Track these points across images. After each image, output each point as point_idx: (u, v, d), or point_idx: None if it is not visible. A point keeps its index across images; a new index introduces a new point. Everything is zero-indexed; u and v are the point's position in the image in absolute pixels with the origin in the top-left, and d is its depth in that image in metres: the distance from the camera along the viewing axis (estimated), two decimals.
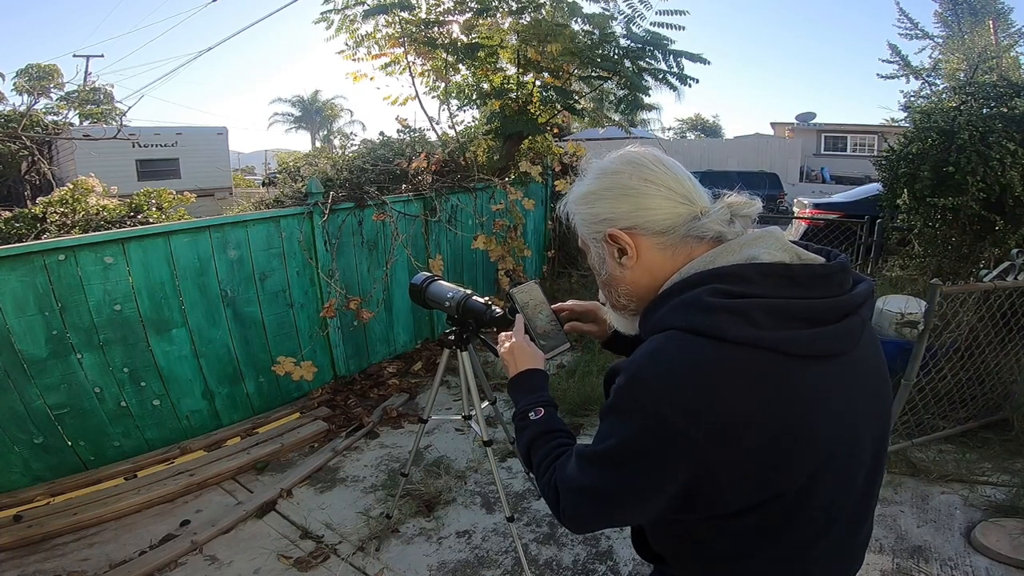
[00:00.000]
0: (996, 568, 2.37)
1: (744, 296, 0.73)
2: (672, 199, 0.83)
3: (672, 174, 0.84)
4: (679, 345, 0.74)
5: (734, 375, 0.71)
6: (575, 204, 0.91)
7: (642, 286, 0.87)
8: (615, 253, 0.87)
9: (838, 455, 0.77)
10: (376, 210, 4.10)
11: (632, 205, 0.84)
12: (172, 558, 2.48)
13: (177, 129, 13.64)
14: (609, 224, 0.86)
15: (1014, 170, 4.11)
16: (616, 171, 0.87)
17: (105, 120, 14.40)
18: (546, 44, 4.86)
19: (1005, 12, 14.97)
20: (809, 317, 0.73)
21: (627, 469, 0.77)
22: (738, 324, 0.71)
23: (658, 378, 0.73)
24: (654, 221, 0.83)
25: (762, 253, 0.78)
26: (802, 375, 0.73)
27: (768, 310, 0.72)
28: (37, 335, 2.79)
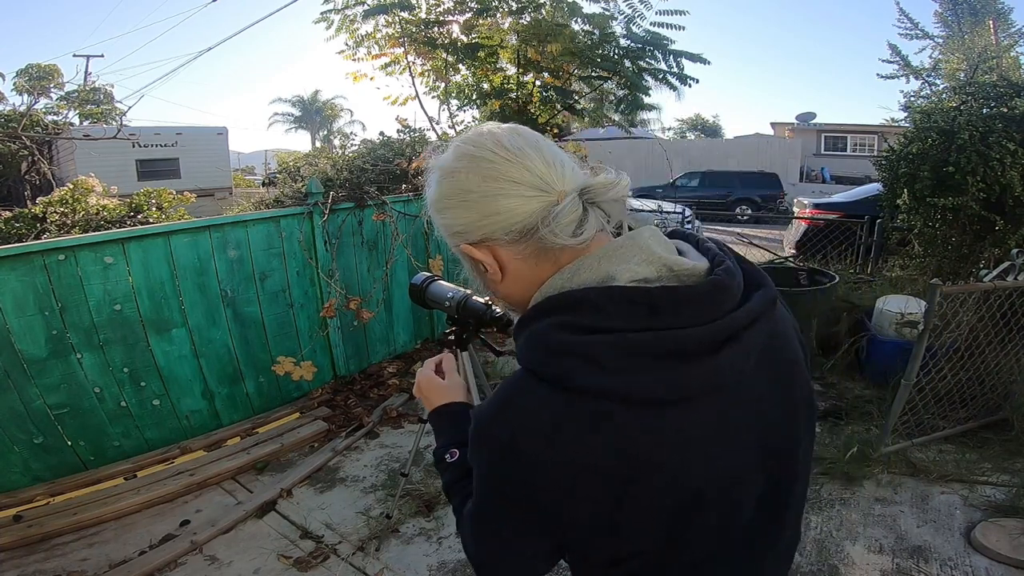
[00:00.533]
0: (996, 568, 2.37)
1: (594, 331, 0.61)
2: (522, 195, 0.67)
3: (517, 161, 0.68)
4: (523, 393, 0.65)
5: (576, 427, 0.60)
6: (431, 210, 0.77)
7: (516, 297, 0.75)
8: (480, 269, 0.75)
9: (708, 499, 0.67)
10: (376, 210, 4.10)
11: (477, 213, 0.69)
12: (172, 558, 2.48)
13: (177, 129, 13.65)
14: (461, 238, 0.73)
15: (1014, 170, 4.12)
16: (453, 170, 0.71)
17: (105, 120, 14.40)
18: (546, 44, 4.86)
19: (1005, 12, 14.97)
20: (672, 352, 0.61)
21: (490, 523, 0.74)
22: (583, 369, 0.60)
23: (500, 429, 0.65)
24: (504, 227, 0.69)
25: (620, 271, 0.65)
26: (659, 423, 0.62)
27: (620, 350, 0.60)
28: (37, 335, 2.79)
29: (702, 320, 0.62)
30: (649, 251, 0.67)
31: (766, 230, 10.93)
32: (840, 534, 2.62)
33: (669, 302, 0.62)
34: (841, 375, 4.19)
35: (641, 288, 0.63)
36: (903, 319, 3.78)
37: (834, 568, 2.42)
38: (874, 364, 3.93)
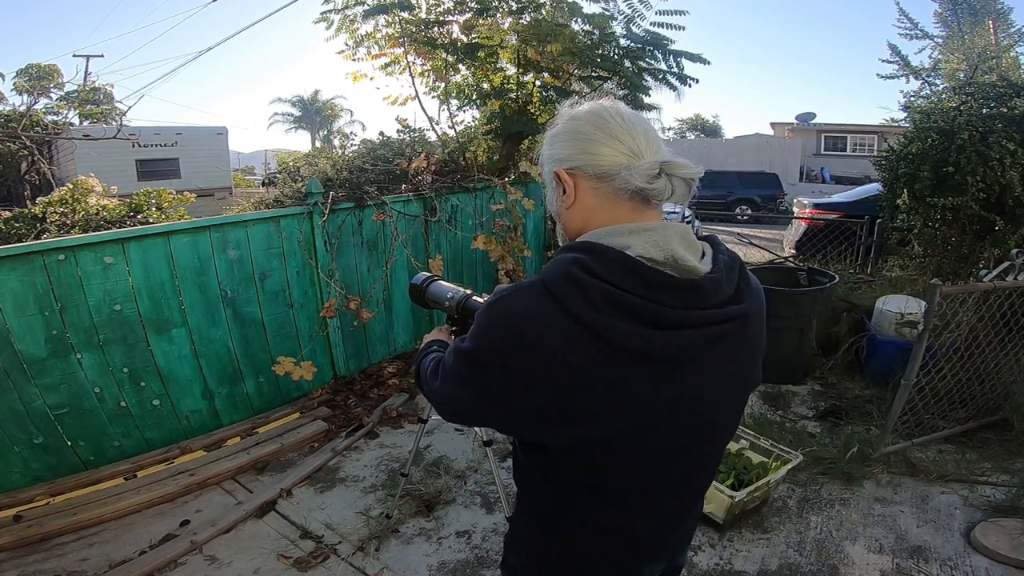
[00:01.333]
0: (996, 568, 2.37)
1: (596, 277, 0.78)
2: (617, 149, 0.86)
3: (626, 127, 0.88)
4: (530, 294, 0.82)
5: (552, 333, 0.78)
6: (544, 144, 0.97)
7: (573, 227, 0.93)
8: (561, 191, 0.92)
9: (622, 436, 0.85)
10: (376, 210, 4.10)
11: (579, 148, 0.89)
12: (172, 558, 2.48)
13: (177, 129, 13.64)
14: (559, 163, 0.91)
15: (1014, 170, 4.12)
16: (575, 117, 0.92)
17: (105, 120, 14.41)
18: (546, 44, 4.86)
19: (1005, 12, 14.97)
20: (641, 317, 0.78)
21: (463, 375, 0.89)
22: (577, 299, 0.78)
23: (500, 310, 0.83)
24: (594, 165, 0.87)
25: (635, 244, 0.82)
26: (608, 359, 0.79)
27: (607, 297, 0.78)
28: (37, 335, 2.78)
29: (676, 304, 0.80)
30: (666, 240, 0.83)
31: (766, 230, 10.93)
32: (840, 534, 2.62)
33: (656, 282, 0.80)
34: (841, 375, 4.20)
35: (639, 262, 0.80)
36: (903, 319, 3.79)
37: (834, 568, 2.42)
38: (874, 364, 3.94)
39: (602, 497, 0.94)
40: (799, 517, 2.75)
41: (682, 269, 0.82)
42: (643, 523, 0.99)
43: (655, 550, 1.05)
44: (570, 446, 0.87)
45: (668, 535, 1.06)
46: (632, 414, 0.84)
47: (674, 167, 0.84)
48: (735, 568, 2.43)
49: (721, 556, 2.49)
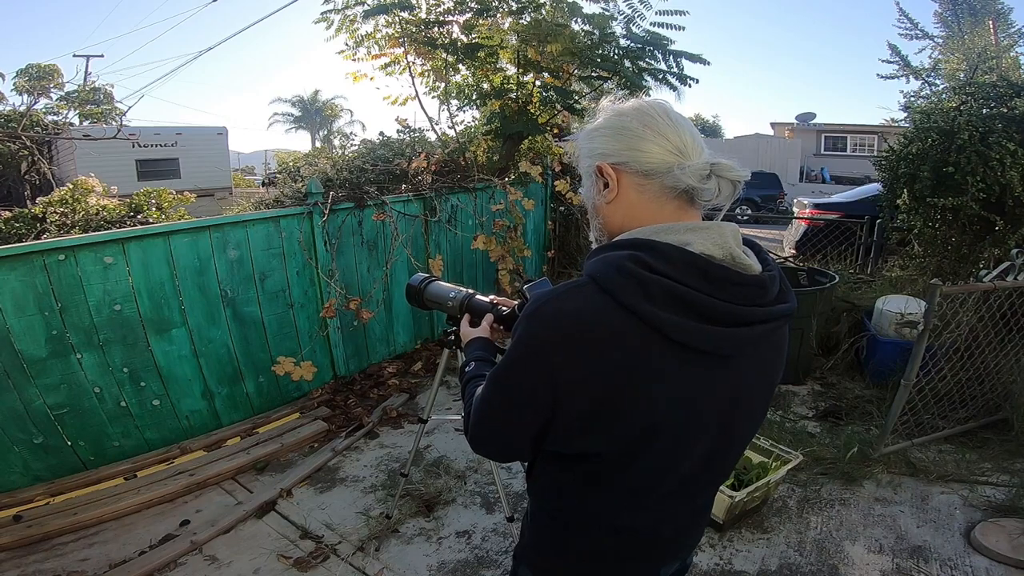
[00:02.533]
0: (996, 568, 2.37)
1: (656, 273, 0.78)
2: (664, 147, 0.86)
3: (673, 126, 0.88)
4: (580, 292, 0.81)
5: (610, 331, 0.78)
6: (584, 137, 0.96)
7: (614, 223, 0.92)
8: (600, 185, 0.92)
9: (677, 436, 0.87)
10: (376, 210, 4.10)
11: (625, 144, 0.88)
12: (172, 558, 2.48)
13: (177, 129, 13.63)
14: (601, 158, 0.91)
15: (1014, 170, 4.12)
16: (621, 113, 0.91)
17: (105, 120, 14.38)
18: (546, 44, 4.86)
19: (1005, 12, 14.97)
20: (702, 313, 0.78)
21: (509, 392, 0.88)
22: (636, 294, 0.77)
23: (548, 312, 0.81)
24: (640, 162, 0.87)
25: (696, 241, 0.82)
26: (673, 357, 0.79)
27: (668, 292, 0.77)
28: (37, 335, 2.78)
29: (735, 301, 0.80)
30: (723, 239, 0.83)
31: (766, 230, 10.93)
32: (840, 534, 2.62)
33: (718, 277, 0.79)
34: (841, 375, 4.20)
35: (703, 258, 0.80)
36: (903, 319, 3.79)
37: (834, 568, 2.42)
38: (874, 364, 3.94)
39: (636, 500, 0.94)
40: (799, 517, 2.75)
41: (739, 267, 0.83)
42: (669, 524, 1.00)
43: (675, 550, 1.06)
44: (615, 449, 0.87)
45: (687, 535, 1.07)
46: (682, 411, 0.85)
47: (723, 168, 0.85)
48: (735, 568, 2.43)
49: (721, 556, 2.49)
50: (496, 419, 0.93)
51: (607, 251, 0.84)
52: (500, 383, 0.89)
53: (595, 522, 0.96)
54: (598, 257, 0.84)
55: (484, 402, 0.93)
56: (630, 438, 0.85)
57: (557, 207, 6.18)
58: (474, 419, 0.96)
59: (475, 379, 1.12)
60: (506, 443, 0.95)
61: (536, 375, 0.82)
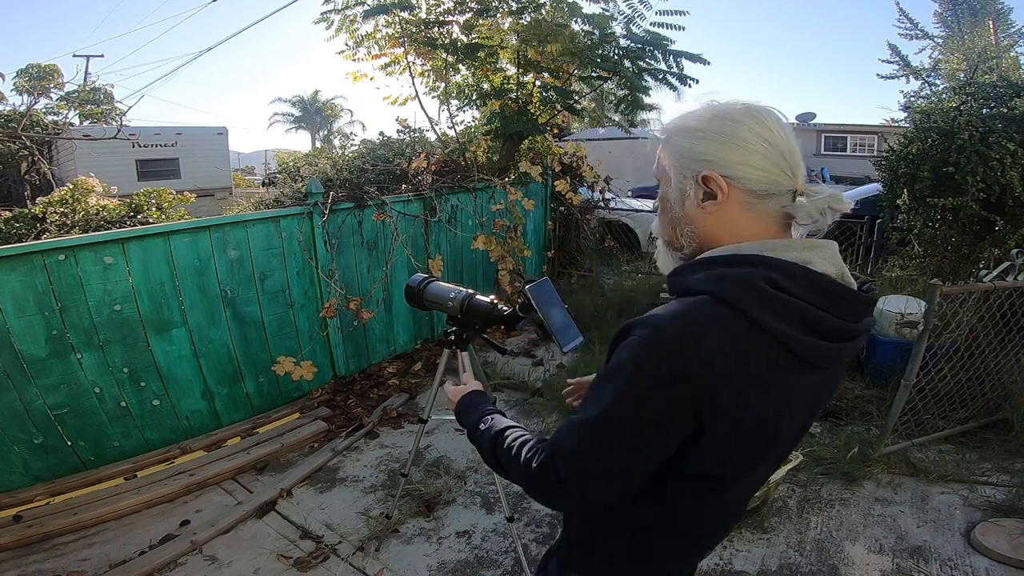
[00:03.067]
0: (996, 568, 2.37)
1: (782, 291, 0.77)
2: (780, 167, 0.83)
3: (787, 141, 0.84)
4: (708, 312, 0.77)
5: (754, 355, 0.76)
6: (677, 134, 0.89)
7: (709, 236, 0.88)
8: (700, 195, 0.86)
9: (779, 446, 0.90)
10: (376, 210, 4.10)
11: (739, 157, 0.83)
12: (172, 558, 2.48)
13: (177, 129, 13.62)
14: (709, 166, 0.84)
15: (1014, 170, 4.11)
16: (735, 119, 0.84)
17: (105, 120, 14.39)
18: (546, 44, 4.86)
19: (1005, 12, 14.98)
20: (821, 331, 0.79)
21: (633, 425, 0.80)
22: (766, 310, 0.76)
23: (678, 334, 0.76)
24: (754, 180, 0.83)
25: (817, 260, 0.81)
26: (796, 374, 0.80)
27: (794, 309, 0.77)
28: (37, 335, 2.78)
29: (845, 318, 0.81)
30: (836, 257, 0.84)
31: None
32: (840, 534, 2.62)
33: (837, 296, 0.80)
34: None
35: (826, 277, 0.80)
36: (903, 319, 3.78)
37: (834, 568, 2.42)
38: (874, 364, 3.93)
39: (726, 507, 0.95)
40: (799, 517, 2.75)
41: (847, 283, 0.83)
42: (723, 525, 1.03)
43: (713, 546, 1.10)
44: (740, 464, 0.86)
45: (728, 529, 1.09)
46: (793, 422, 0.87)
47: (837, 202, 0.83)
48: (735, 568, 2.43)
49: (721, 556, 2.49)
50: (614, 457, 0.82)
51: (716, 266, 0.82)
52: (619, 421, 0.80)
53: (672, 529, 0.94)
54: (712, 272, 0.81)
55: (593, 442, 0.83)
56: (756, 453, 0.86)
57: (557, 207, 6.19)
58: (571, 465, 0.85)
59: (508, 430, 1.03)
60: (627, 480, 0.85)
61: (672, 400, 0.77)
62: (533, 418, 3.68)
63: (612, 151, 12.00)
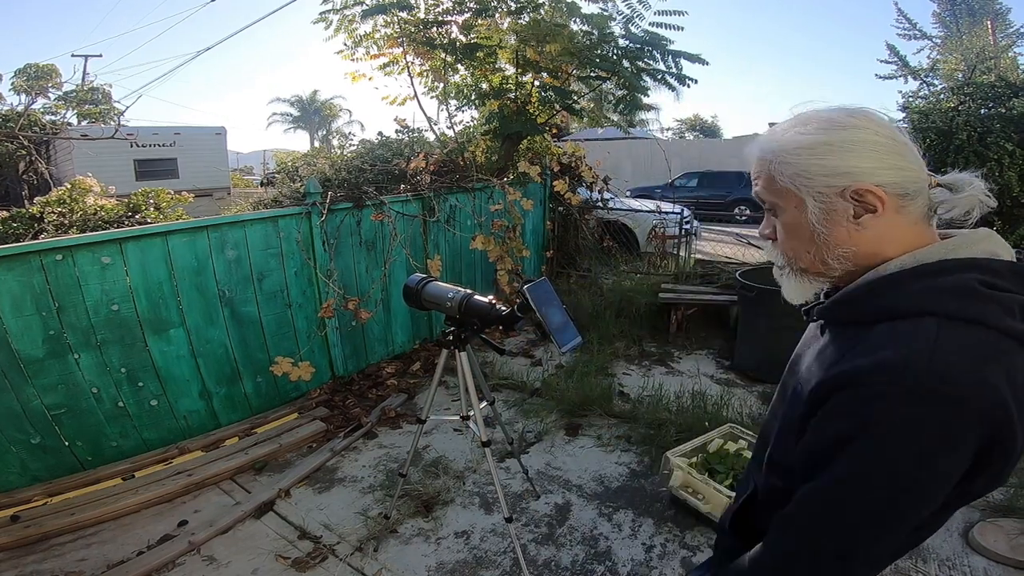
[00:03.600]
0: (994, 568, 2.37)
1: (1003, 291, 0.72)
2: (916, 161, 0.78)
3: (906, 136, 0.79)
4: (948, 336, 0.69)
5: (998, 361, 0.68)
6: (793, 154, 0.81)
7: (865, 253, 0.80)
8: (850, 211, 0.79)
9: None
10: (374, 210, 4.10)
11: (881, 162, 0.77)
12: (170, 558, 2.47)
13: (175, 129, 13.61)
14: (854, 178, 0.77)
15: (1012, 170, 4.13)
16: (855, 125, 0.78)
17: (103, 120, 14.38)
18: (545, 44, 4.86)
19: (1003, 12, 15.02)
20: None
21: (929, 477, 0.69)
22: (1002, 316, 0.70)
23: (940, 369, 0.67)
24: (905, 180, 0.77)
25: (1001, 251, 0.76)
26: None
27: (1022, 306, 0.72)
28: (34, 335, 2.78)
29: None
30: (1001, 239, 0.78)
31: None
32: None
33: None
34: None
35: (1019, 263, 0.75)
36: None
37: None
38: None
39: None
40: None
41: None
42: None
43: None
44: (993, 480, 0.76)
45: None
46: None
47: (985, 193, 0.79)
48: None
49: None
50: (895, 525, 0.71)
51: (913, 281, 0.75)
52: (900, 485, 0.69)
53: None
54: (919, 287, 0.74)
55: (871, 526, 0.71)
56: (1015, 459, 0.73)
57: (556, 207, 6.19)
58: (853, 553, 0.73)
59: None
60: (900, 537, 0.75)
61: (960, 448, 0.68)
62: (532, 418, 3.67)
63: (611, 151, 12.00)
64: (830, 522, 0.73)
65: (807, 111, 0.83)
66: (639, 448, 3.34)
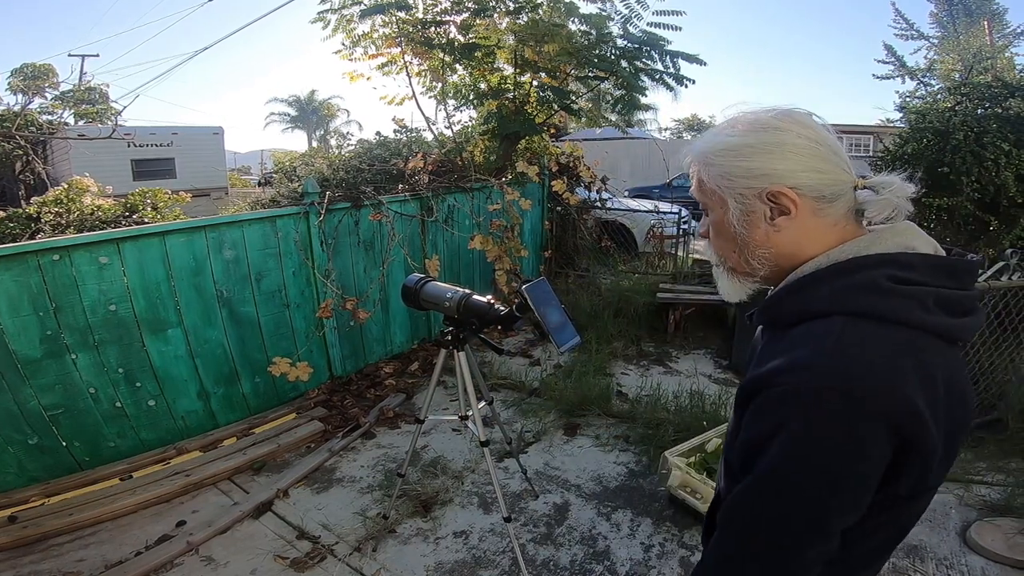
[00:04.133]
0: (992, 568, 2.38)
1: (916, 284, 0.73)
2: (838, 164, 0.79)
3: (833, 139, 0.80)
4: (859, 334, 0.70)
5: (919, 360, 0.70)
6: (719, 155, 0.83)
7: (784, 254, 0.82)
8: (768, 212, 0.81)
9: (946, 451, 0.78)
10: (373, 210, 4.09)
11: (799, 164, 0.78)
12: (168, 559, 2.47)
13: (173, 129, 13.59)
14: (771, 180, 0.79)
15: (1008, 170, 4.13)
16: (778, 127, 0.80)
17: (100, 120, 14.34)
18: (543, 44, 4.87)
19: (1000, 13, 15.06)
20: (956, 308, 0.75)
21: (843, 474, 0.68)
22: (911, 308, 0.71)
23: (850, 370, 0.67)
24: (822, 183, 0.78)
25: (918, 244, 0.77)
26: (955, 359, 0.76)
27: (936, 298, 0.73)
28: (31, 335, 2.77)
29: (967, 288, 0.77)
30: (923, 233, 0.79)
31: None
32: None
33: (961, 271, 0.77)
34: None
35: (943, 257, 0.77)
36: None
37: None
38: None
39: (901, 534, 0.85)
40: None
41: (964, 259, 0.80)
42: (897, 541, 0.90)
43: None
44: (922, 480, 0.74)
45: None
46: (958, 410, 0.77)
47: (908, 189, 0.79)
48: None
49: None
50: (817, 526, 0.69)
51: (825, 281, 0.76)
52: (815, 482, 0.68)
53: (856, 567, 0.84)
54: (828, 288, 0.75)
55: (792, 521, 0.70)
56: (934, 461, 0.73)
57: (554, 207, 6.19)
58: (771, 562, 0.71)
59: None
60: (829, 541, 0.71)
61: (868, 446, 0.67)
62: (530, 418, 3.67)
63: (609, 151, 12.00)
64: (754, 521, 0.72)
65: (739, 113, 0.84)
66: (637, 448, 3.35)
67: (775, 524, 0.71)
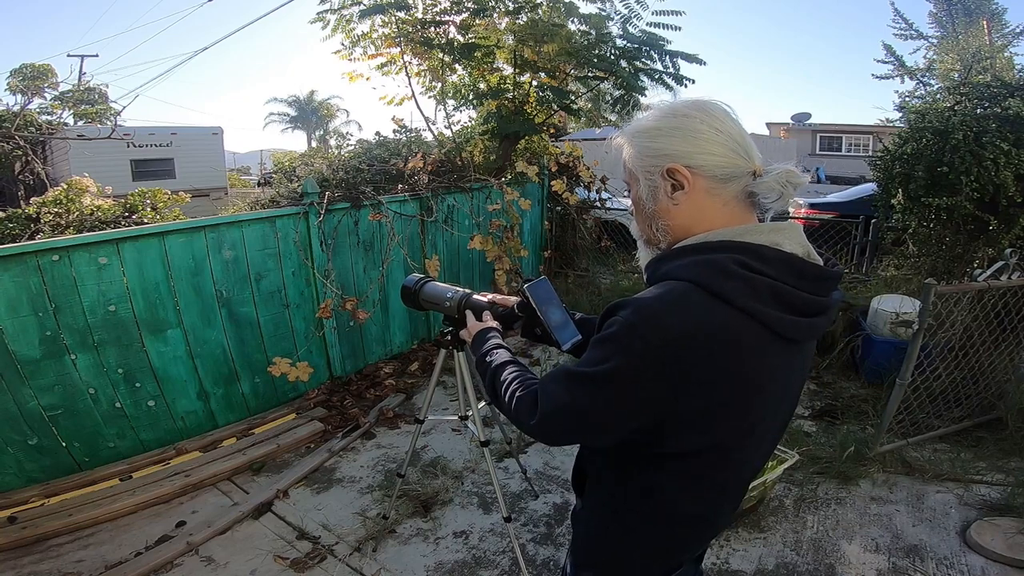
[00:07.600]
0: (991, 567, 2.38)
1: (758, 273, 0.82)
2: (735, 150, 0.89)
3: (736, 127, 0.90)
4: (687, 296, 0.82)
5: (726, 333, 0.81)
6: (635, 136, 0.95)
7: (680, 226, 0.93)
8: (668, 188, 0.92)
9: (764, 423, 0.94)
10: (372, 210, 4.09)
11: (696, 147, 0.89)
12: (168, 559, 2.47)
13: (172, 129, 13.56)
14: (670, 160, 0.90)
15: (1008, 170, 4.13)
16: (685, 114, 0.91)
17: (100, 120, 14.31)
18: (543, 44, 4.86)
19: (999, 13, 15.06)
20: (795, 306, 0.84)
21: (614, 391, 0.84)
22: (746, 294, 0.81)
23: (661, 316, 0.81)
24: (714, 165, 0.88)
25: (785, 242, 0.87)
26: (774, 350, 0.85)
27: (772, 291, 0.82)
28: (31, 336, 2.77)
29: (817, 293, 0.87)
30: (802, 237, 0.90)
31: None
32: (836, 533, 2.63)
33: (807, 273, 0.86)
34: (836, 374, 4.21)
35: (797, 256, 0.86)
36: (898, 319, 3.80)
37: (831, 567, 2.42)
38: (869, 363, 3.95)
39: (722, 493, 0.99)
40: (795, 516, 2.75)
41: (814, 261, 0.89)
42: (730, 506, 1.06)
43: (713, 536, 1.14)
44: (724, 444, 0.90)
45: (728, 517, 1.13)
46: (776, 399, 0.93)
47: (794, 176, 0.89)
48: (732, 567, 2.43)
49: (718, 555, 2.49)
50: (585, 417, 0.89)
51: (688, 255, 0.87)
52: (601, 385, 0.85)
53: (678, 516, 0.99)
54: (689, 260, 0.86)
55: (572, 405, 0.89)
56: (740, 433, 0.90)
57: (554, 207, 6.19)
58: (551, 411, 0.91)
59: (507, 364, 1.12)
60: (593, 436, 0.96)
61: (653, 382, 0.82)
62: None
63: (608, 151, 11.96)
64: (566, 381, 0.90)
65: (664, 103, 0.96)
66: None
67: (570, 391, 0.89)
